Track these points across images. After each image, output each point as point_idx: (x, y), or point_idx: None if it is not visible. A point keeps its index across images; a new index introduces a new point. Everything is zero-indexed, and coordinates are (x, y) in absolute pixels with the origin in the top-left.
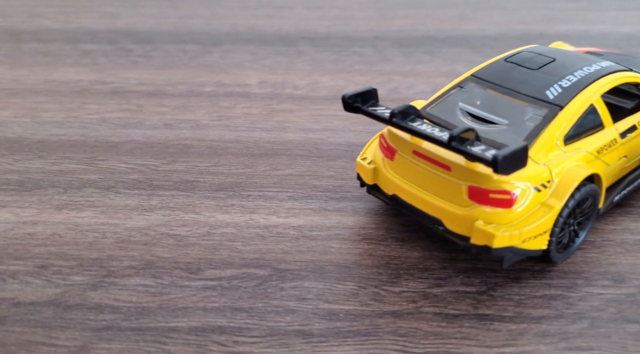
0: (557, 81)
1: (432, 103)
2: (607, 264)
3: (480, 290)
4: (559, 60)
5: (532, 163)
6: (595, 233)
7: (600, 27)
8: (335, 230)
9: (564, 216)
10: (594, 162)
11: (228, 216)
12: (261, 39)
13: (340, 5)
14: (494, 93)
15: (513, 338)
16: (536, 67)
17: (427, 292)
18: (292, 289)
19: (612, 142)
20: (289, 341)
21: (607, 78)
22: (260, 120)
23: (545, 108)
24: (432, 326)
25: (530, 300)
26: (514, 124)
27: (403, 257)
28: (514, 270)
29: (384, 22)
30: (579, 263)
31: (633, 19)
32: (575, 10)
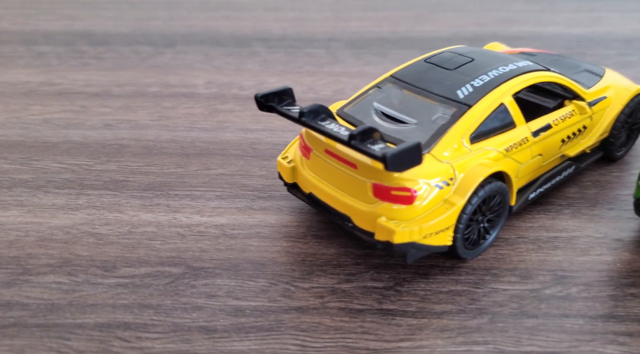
0: (470, 81)
1: (350, 103)
2: (517, 261)
3: (388, 285)
4: (477, 60)
5: (436, 161)
6: (510, 230)
7: (553, 29)
8: (257, 229)
9: (467, 213)
10: (503, 160)
11: (152, 215)
12: (215, 40)
13: (299, 7)
14: (409, 93)
15: (412, 333)
16: (453, 68)
17: (336, 288)
18: (203, 286)
19: (523, 140)
20: (191, 337)
21: (520, 78)
22: (201, 120)
23: (454, 108)
24: (334, 321)
25: (435, 296)
26: (422, 123)
27: (319, 254)
28: (423, 265)
29: (340, 24)
30: (489, 259)
31: (586, 21)
32: (531, 12)
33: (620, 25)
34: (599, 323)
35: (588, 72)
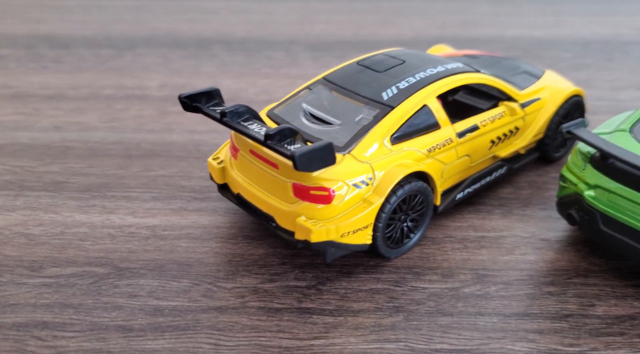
0: (396, 83)
1: (280, 104)
2: (441, 260)
3: (311, 284)
4: (408, 62)
5: (355, 161)
6: (439, 230)
7: (514, 32)
8: (188, 230)
9: (386, 212)
10: (426, 161)
11: (86, 216)
12: (177, 43)
13: (266, 11)
14: (337, 95)
15: (327, 331)
16: (383, 70)
17: (259, 287)
18: (126, 286)
19: (447, 141)
20: (107, 336)
21: (446, 80)
22: (149, 122)
23: (377, 109)
24: (252, 320)
25: (355, 294)
26: (346, 124)
27: (247, 254)
28: (348, 264)
29: (305, 27)
30: (414, 258)
31: (548, 24)
32: (496, 15)
33: (581, 28)
34: (512, 321)
35: (527, 73)
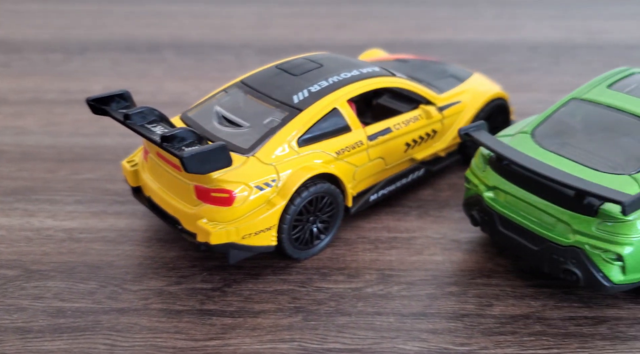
0: (308, 86)
1: (195, 107)
2: (350, 260)
3: (216, 286)
4: (325, 66)
5: (259, 163)
6: (353, 231)
7: (467, 36)
8: (105, 233)
9: (291, 214)
10: (335, 163)
11: (6, 219)
12: (129, 47)
13: (224, 15)
14: (251, 98)
15: (224, 332)
16: (299, 73)
17: (164, 290)
18: (33, 288)
19: (357, 144)
20: (4, 338)
21: (359, 84)
22: (86, 126)
23: (287, 112)
24: (152, 321)
25: (258, 295)
26: (254, 126)
27: (158, 257)
28: (257, 266)
29: (260, 31)
30: (323, 259)
31: (503, 27)
32: (454, 19)
33: (533, 32)
34: (408, 321)
35: (452, 77)
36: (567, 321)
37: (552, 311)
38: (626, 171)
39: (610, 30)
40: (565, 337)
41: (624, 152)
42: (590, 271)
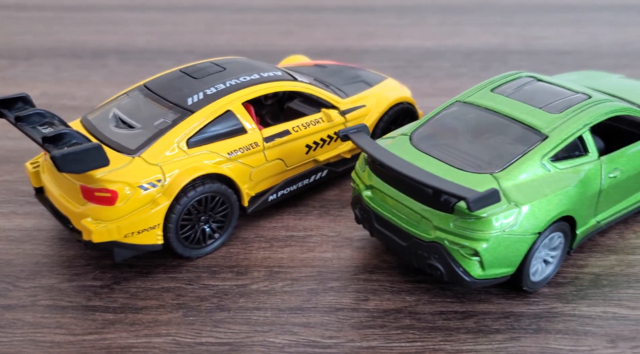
0: (205, 89)
1: (96, 110)
2: (243, 258)
3: (106, 283)
4: (228, 70)
5: (144, 164)
6: (252, 230)
7: (407, 42)
8: (10, 232)
9: (177, 213)
10: (227, 164)
11: None
12: (76, 54)
13: (175, 21)
14: (149, 100)
15: (103, 327)
16: (200, 77)
17: (55, 287)
18: None
19: (251, 145)
20: None
21: (256, 87)
22: (13, 130)
23: (178, 114)
24: (36, 317)
25: (145, 292)
26: (145, 128)
27: (56, 256)
28: (150, 265)
29: (207, 37)
30: (217, 258)
31: (443, 34)
32: (397, 26)
33: (472, 38)
34: (284, 315)
35: (363, 82)
36: (437, 316)
37: (425, 305)
38: (489, 170)
39: (547, 37)
40: (431, 330)
41: (492, 152)
42: (451, 266)
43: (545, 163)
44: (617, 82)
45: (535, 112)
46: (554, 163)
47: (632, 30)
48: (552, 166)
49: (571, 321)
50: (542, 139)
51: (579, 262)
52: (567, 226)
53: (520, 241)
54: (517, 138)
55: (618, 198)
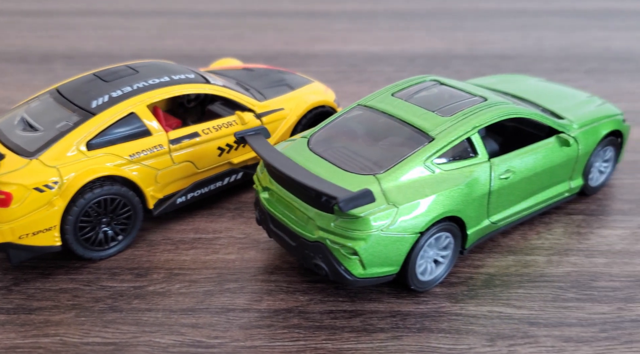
0: (111, 91)
1: (7, 113)
2: (146, 260)
3: (5, 285)
4: (140, 73)
5: (42, 166)
6: (161, 232)
7: (354, 47)
8: None
9: (73, 215)
10: (129, 166)
11: None
12: (23, 58)
13: (128, 26)
14: (57, 104)
15: None
16: (110, 80)
17: None
18: None
19: (155, 147)
20: None
21: (164, 90)
22: None
23: (80, 116)
24: None
25: (42, 293)
26: (46, 130)
27: None
28: (52, 266)
29: (157, 42)
30: (120, 259)
31: (391, 39)
32: (348, 31)
33: (420, 43)
34: (175, 316)
35: (287, 85)
36: (325, 315)
37: (316, 305)
38: (373, 171)
39: (493, 41)
40: (316, 329)
41: (381, 154)
42: (333, 265)
43: (429, 164)
44: (532, 85)
45: (427, 115)
46: (440, 165)
47: (578, 35)
48: (438, 167)
49: (456, 320)
50: (428, 141)
51: (476, 262)
52: (455, 226)
53: (400, 240)
54: (406, 140)
55: (515, 199)
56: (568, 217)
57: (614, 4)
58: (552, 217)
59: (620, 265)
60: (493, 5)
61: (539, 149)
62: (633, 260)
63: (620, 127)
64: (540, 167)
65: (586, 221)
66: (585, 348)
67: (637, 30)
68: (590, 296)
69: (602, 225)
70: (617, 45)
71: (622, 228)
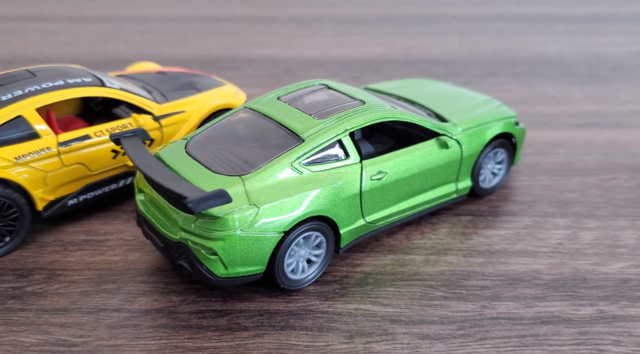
0: (2, 95)
1: None
2: (32, 262)
3: None
4: (38, 76)
5: None
6: (53, 234)
7: (292, 52)
8: None
9: None
10: (13, 168)
11: None
12: None
13: (75, 32)
14: None
15: None
16: (6, 83)
17: None
18: None
19: (43, 150)
20: None
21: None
22: None
23: None
24: None
25: None
26: None
27: None
28: None
29: (101, 47)
30: (6, 260)
31: (332, 44)
32: (292, 36)
33: (358, 48)
34: (45, 316)
35: (194, 88)
36: (194, 315)
37: (188, 305)
38: (241, 173)
39: (431, 46)
40: (181, 329)
41: (253, 155)
42: (195, 265)
43: (297, 166)
44: (430, 89)
45: (303, 118)
46: (309, 166)
47: (515, 39)
48: (306, 169)
49: (321, 318)
50: (298, 143)
51: (355, 261)
52: (326, 226)
53: (262, 240)
54: (279, 142)
55: (392, 200)
56: (456, 218)
57: (558, 10)
58: (440, 217)
59: (496, 265)
60: (439, 10)
61: (415, 151)
62: (509, 260)
63: (511, 130)
64: (417, 169)
65: (473, 222)
66: (440, 344)
67: (573, 35)
68: (458, 294)
69: (488, 226)
70: (550, 49)
71: (507, 229)
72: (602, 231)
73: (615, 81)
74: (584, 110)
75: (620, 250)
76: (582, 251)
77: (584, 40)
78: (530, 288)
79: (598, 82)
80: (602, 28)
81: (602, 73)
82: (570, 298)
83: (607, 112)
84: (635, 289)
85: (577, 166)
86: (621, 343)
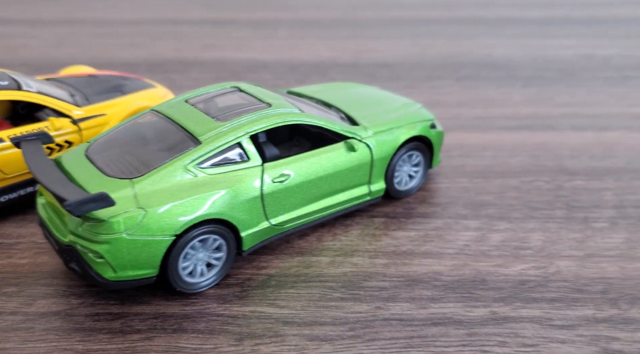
0: None
1: None
2: None
3: None
4: None
5: None
6: None
7: (244, 55)
8: None
9: None
10: None
11: None
12: None
13: (30, 35)
14: None
15: None
16: None
17: None
18: None
19: None
20: None
21: None
22: None
23: None
24: None
25: None
26: None
27: None
28: None
29: (51, 51)
30: None
31: (284, 48)
32: (248, 39)
33: (309, 51)
34: None
35: (119, 91)
36: (90, 317)
37: (85, 308)
38: (132, 175)
39: (380, 50)
40: (73, 331)
41: (150, 158)
42: (85, 268)
43: (192, 168)
44: (350, 93)
45: (204, 120)
46: (206, 169)
47: (466, 43)
48: (202, 171)
49: (215, 321)
50: (194, 146)
51: (262, 263)
52: (225, 229)
53: (152, 243)
54: (176, 144)
55: (298, 202)
56: (370, 220)
57: (515, 12)
58: (355, 219)
59: (399, 266)
60: (395, 14)
61: (322, 154)
62: (412, 261)
63: (426, 133)
64: (324, 171)
65: (385, 224)
66: (327, 346)
67: (524, 38)
68: (355, 295)
69: (399, 228)
70: (499, 52)
71: (417, 231)
72: (511, 233)
73: (557, 84)
74: (520, 112)
75: (525, 252)
76: (487, 253)
77: (534, 43)
78: (428, 289)
79: (540, 85)
80: (554, 31)
81: (546, 75)
82: (465, 299)
83: (542, 114)
84: (531, 290)
85: (500, 168)
86: (506, 344)
